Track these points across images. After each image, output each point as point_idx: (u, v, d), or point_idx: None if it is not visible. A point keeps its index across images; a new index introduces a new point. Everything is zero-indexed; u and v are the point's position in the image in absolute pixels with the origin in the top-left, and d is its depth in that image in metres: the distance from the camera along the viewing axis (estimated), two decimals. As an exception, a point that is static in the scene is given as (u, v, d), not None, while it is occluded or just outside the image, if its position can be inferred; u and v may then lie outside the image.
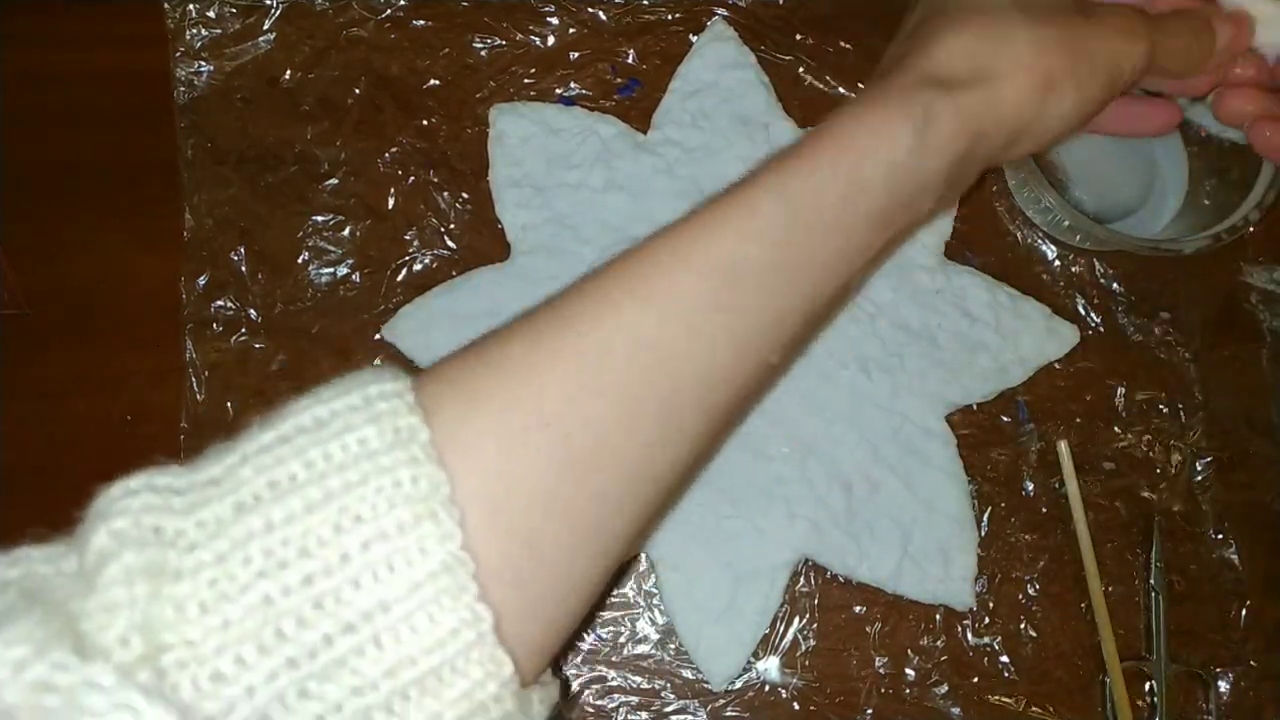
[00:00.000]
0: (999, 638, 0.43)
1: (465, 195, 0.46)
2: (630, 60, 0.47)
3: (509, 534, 0.23)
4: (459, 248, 0.46)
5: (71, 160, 0.46)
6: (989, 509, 0.44)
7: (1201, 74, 0.34)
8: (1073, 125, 0.31)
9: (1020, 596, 0.43)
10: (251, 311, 0.45)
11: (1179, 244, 0.41)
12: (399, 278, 0.45)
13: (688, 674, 0.43)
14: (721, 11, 0.47)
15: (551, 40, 0.47)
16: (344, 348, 0.45)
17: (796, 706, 0.42)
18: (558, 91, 0.47)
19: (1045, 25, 0.29)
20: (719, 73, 0.46)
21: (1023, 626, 0.43)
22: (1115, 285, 0.46)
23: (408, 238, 0.46)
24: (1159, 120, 0.36)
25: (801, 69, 0.47)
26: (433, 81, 0.47)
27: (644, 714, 0.42)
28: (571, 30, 0.47)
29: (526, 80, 0.47)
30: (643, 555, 0.43)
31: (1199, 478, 0.44)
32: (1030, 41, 0.29)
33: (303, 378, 0.45)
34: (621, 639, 0.43)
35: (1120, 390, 0.45)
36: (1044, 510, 0.44)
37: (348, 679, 0.21)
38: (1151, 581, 0.43)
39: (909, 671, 0.43)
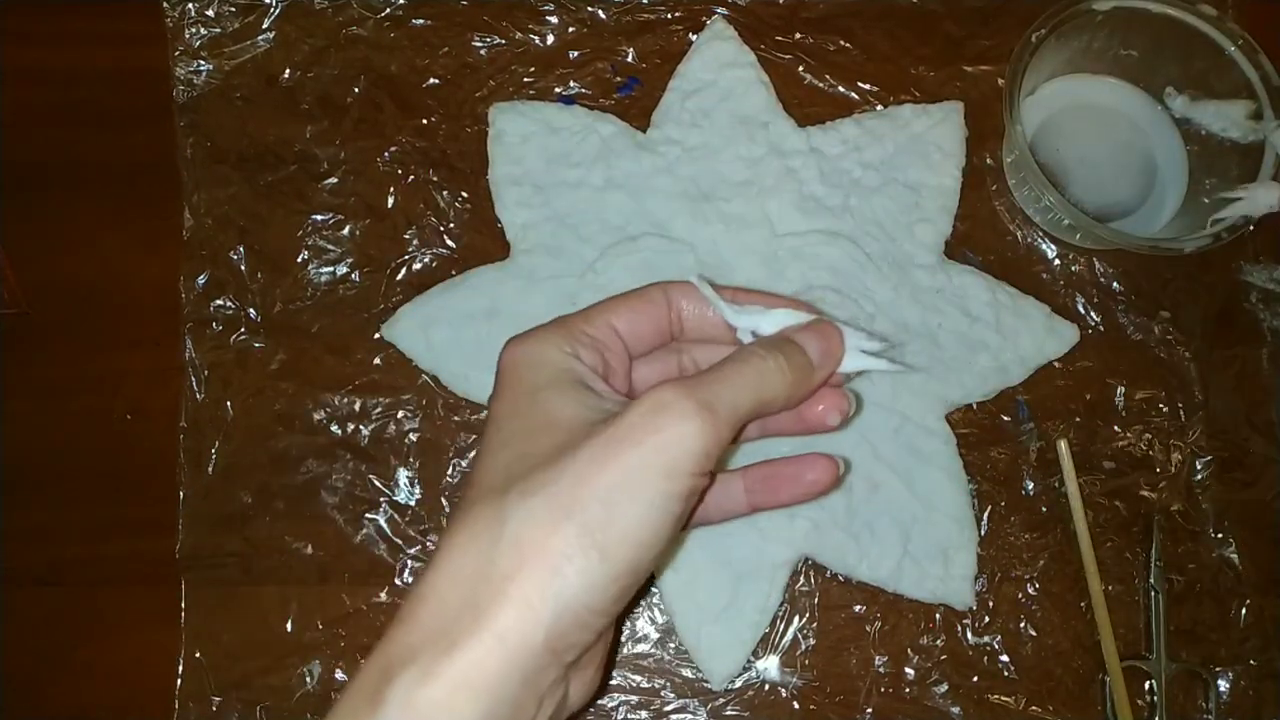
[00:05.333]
0: (999, 637, 0.43)
1: (465, 194, 0.46)
2: (630, 59, 0.47)
3: None
4: (458, 246, 0.46)
5: (71, 159, 0.46)
6: (989, 508, 0.44)
7: (812, 391, 0.31)
8: (618, 577, 0.25)
9: (1020, 596, 0.43)
10: (251, 310, 0.45)
11: (1179, 243, 0.41)
12: (398, 277, 0.45)
13: (688, 673, 0.43)
14: (721, 10, 0.47)
15: (551, 39, 0.47)
16: (343, 347, 0.45)
17: (796, 705, 0.42)
18: (557, 90, 0.47)
19: (539, 493, 0.25)
20: (718, 71, 0.46)
21: (1022, 625, 0.43)
22: (1115, 284, 0.46)
23: (407, 236, 0.46)
24: (815, 477, 0.33)
25: (801, 68, 0.47)
26: (432, 80, 0.47)
27: (644, 713, 0.42)
28: (571, 29, 0.47)
29: (526, 79, 0.47)
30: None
31: (1199, 477, 0.44)
32: (522, 528, 0.24)
33: (302, 377, 0.45)
34: (622, 638, 0.43)
35: (1120, 389, 0.45)
36: (1044, 510, 0.44)
37: None
38: (1151, 581, 0.43)
39: (909, 670, 0.43)
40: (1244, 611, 0.43)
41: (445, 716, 0.24)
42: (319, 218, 0.46)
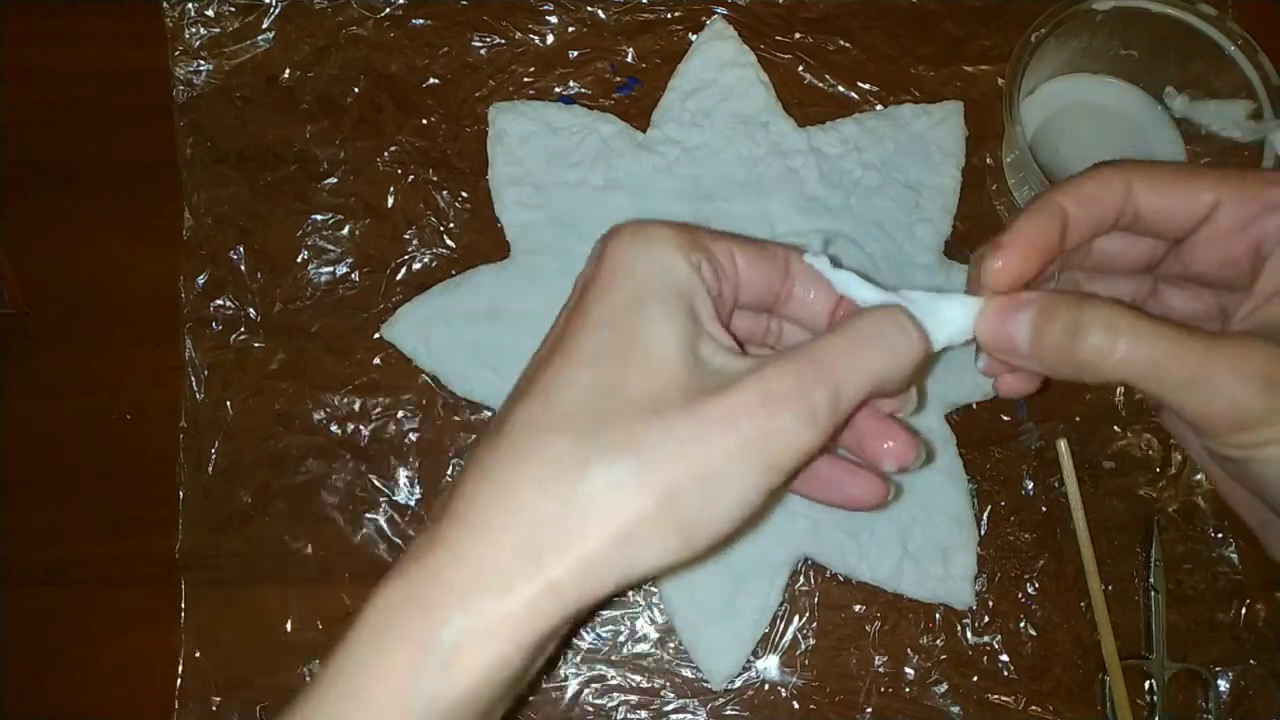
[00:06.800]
0: (999, 636, 0.43)
1: (465, 194, 0.46)
2: (630, 59, 0.47)
3: None
4: (458, 246, 0.46)
5: (71, 159, 0.46)
6: (989, 508, 0.44)
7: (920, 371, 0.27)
8: (693, 551, 0.24)
9: (1020, 595, 0.43)
10: (251, 310, 0.45)
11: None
12: (398, 276, 0.45)
13: (687, 673, 0.43)
14: (721, 10, 0.47)
15: (551, 39, 0.47)
16: (343, 347, 0.45)
17: (796, 705, 0.42)
18: (557, 90, 0.47)
19: (629, 454, 0.23)
20: (718, 71, 0.46)
21: (1022, 625, 0.43)
22: (1115, 284, 0.46)
23: (407, 236, 0.46)
24: (859, 493, 0.29)
25: (801, 68, 0.47)
26: (432, 80, 0.47)
27: (644, 713, 0.42)
28: (571, 29, 0.47)
29: (526, 79, 0.47)
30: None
31: (1198, 477, 0.44)
32: (597, 493, 0.23)
33: (302, 377, 0.45)
34: (621, 638, 0.43)
35: (1120, 389, 0.45)
36: (1044, 510, 0.44)
37: None
38: (1151, 580, 0.43)
39: (909, 670, 0.43)
40: (1244, 611, 0.43)
41: (491, 662, 0.23)
42: (319, 218, 0.46)
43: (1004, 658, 0.43)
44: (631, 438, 0.23)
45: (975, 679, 0.43)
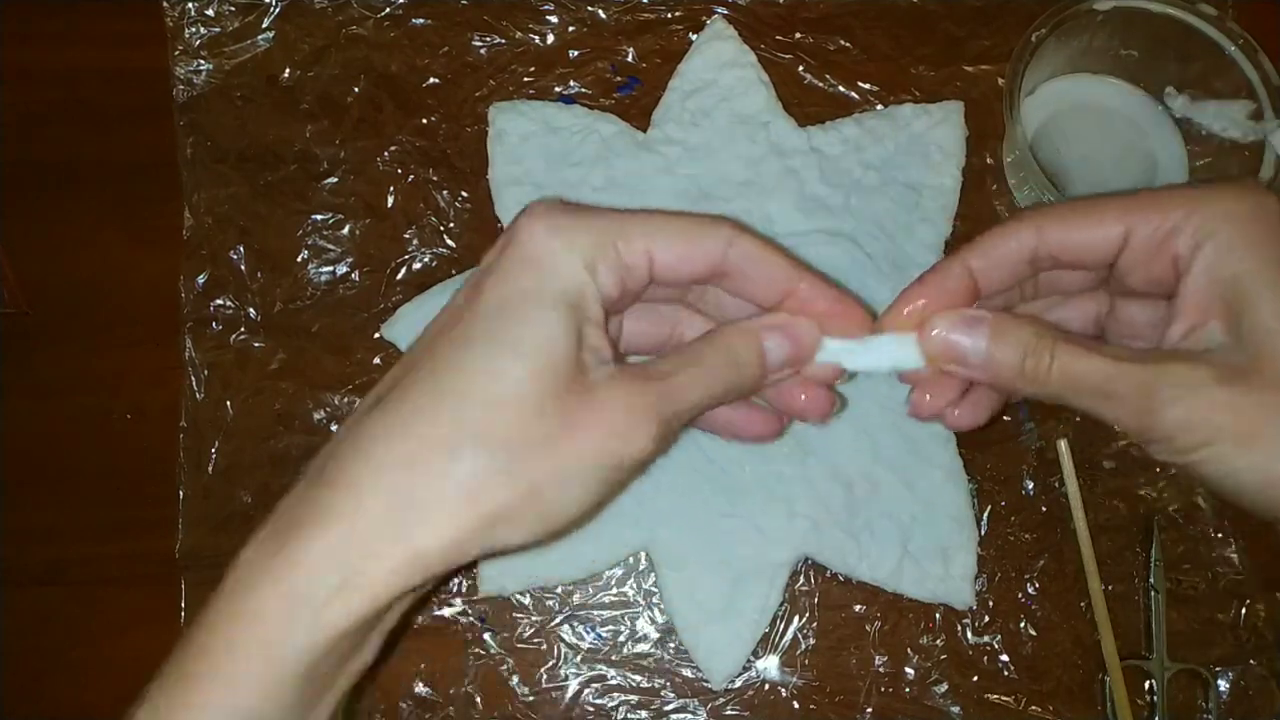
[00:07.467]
0: (999, 636, 0.43)
1: (465, 194, 0.46)
2: (630, 59, 0.47)
3: None
4: (458, 246, 0.46)
5: (71, 158, 0.46)
6: (989, 508, 0.44)
7: (764, 388, 0.31)
8: (550, 535, 0.27)
9: (1020, 595, 0.43)
10: (251, 310, 0.45)
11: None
12: (398, 276, 0.45)
13: (688, 673, 0.43)
14: (721, 10, 0.47)
15: (551, 38, 0.47)
16: (343, 346, 0.45)
17: (796, 705, 0.42)
18: (557, 90, 0.47)
19: (501, 447, 0.25)
20: (719, 71, 0.46)
21: (1022, 625, 0.43)
22: (1115, 284, 0.46)
23: (407, 236, 0.46)
24: (755, 430, 0.33)
25: (801, 67, 0.47)
26: (432, 80, 0.47)
27: (644, 713, 0.42)
28: (571, 28, 0.47)
29: (526, 78, 0.47)
30: (643, 555, 0.43)
31: (1199, 477, 0.44)
32: (466, 478, 0.25)
33: (302, 376, 0.45)
34: (621, 638, 0.43)
35: (1120, 389, 0.45)
36: (1044, 509, 0.44)
37: None
38: (1151, 580, 0.43)
39: (909, 670, 0.43)
40: (1244, 611, 0.43)
41: (356, 613, 0.25)
42: (319, 217, 0.46)
43: (1004, 658, 0.43)
44: (505, 431, 0.25)
45: (975, 679, 0.43)
